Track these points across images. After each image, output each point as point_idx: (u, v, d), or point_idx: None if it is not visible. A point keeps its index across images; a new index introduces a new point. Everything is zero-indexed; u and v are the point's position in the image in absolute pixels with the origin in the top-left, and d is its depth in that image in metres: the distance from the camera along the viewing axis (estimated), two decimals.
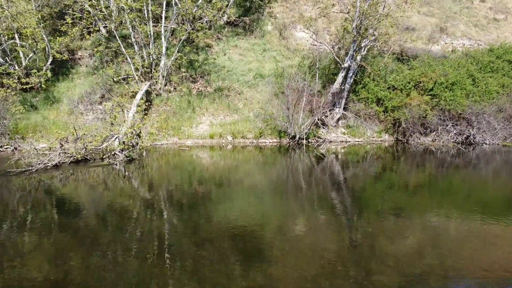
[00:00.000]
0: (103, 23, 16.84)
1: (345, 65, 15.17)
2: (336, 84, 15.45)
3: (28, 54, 15.02)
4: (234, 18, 19.13)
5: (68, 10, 16.09)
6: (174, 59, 15.91)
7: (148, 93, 15.44)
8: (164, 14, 15.79)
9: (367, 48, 15.40)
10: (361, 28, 14.47)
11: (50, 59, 15.22)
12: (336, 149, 13.95)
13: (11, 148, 11.81)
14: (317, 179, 8.97)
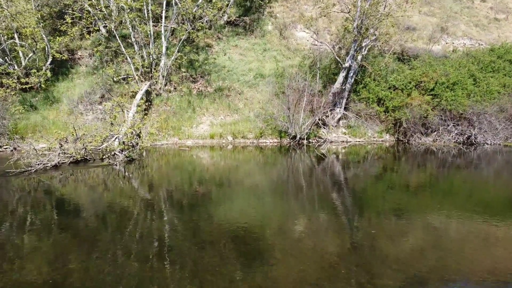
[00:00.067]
0: (103, 22, 16.79)
1: (346, 65, 15.12)
2: (337, 84, 15.40)
3: (28, 54, 14.97)
4: (234, 18, 19.09)
5: (67, 9, 16.04)
6: (174, 59, 15.86)
7: (148, 93, 15.39)
8: (164, 14, 15.74)
9: (367, 48, 15.36)
10: (362, 28, 14.42)
11: (50, 59, 15.18)
12: (337, 149, 13.90)
13: (10, 148, 11.77)
14: (317, 180, 8.92)
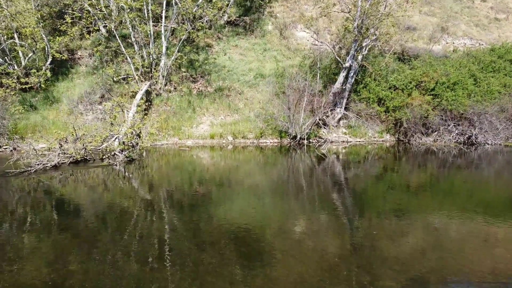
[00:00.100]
0: (103, 22, 16.76)
1: (346, 64, 15.09)
2: (337, 84, 15.38)
3: (28, 53, 14.94)
4: (234, 18, 19.06)
5: (67, 9, 16.01)
6: (174, 59, 15.83)
7: (148, 93, 15.36)
8: (164, 14, 15.71)
9: (368, 47, 15.33)
10: (362, 28, 14.39)
11: (50, 59, 15.15)
12: (337, 149, 13.87)
13: (10, 149, 11.73)
14: (318, 180, 8.89)
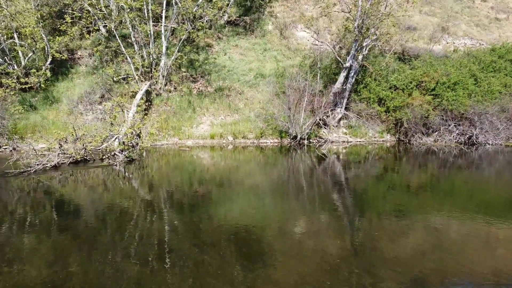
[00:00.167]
0: (103, 22, 16.74)
1: (346, 64, 15.07)
2: (338, 84, 15.35)
3: (27, 53, 14.92)
4: (234, 18, 19.04)
5: (67, 9, 15.99)
6: (174, 59, 15.81)
7: (148, 93, 15.34)
8: (164, 14, 15.69)
9: (368, 47, 15.30)
10: (362, 28, 14.37)
11: (50, 59, 15.13)
12: (338, 149, 13.85)
13: (10, 149, 11.73)
14: (318, 180, 8.87)
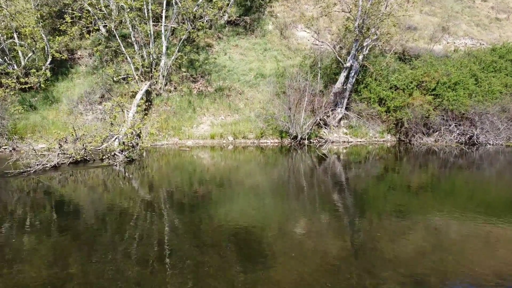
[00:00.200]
0: (103, 22, 16.71)
1: (347, 64, 15.04)
2: (338, 84, 15.32)
3: (27, 53, 14.89)
4: (234, 18, 19.01)
5: (67, 9, 15.95)
6: (174, 59, 15.78)
7: (148, 93, 15.31)
8: (164, 13, 15.66)
9: (369, 47, 15.27)
10: (363, 27, 14.34)
11: (49, 59, 15.10)
12: (338, 149, 13.82)
13: (9, 149, 11.70)
14: (319, 180, 8.84)
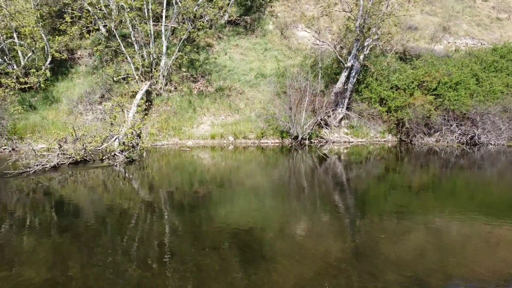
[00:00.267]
0: (103, 22, 16.65)
1: (348, 64, 14.99)
2: (339, 84, 15.27)
3: (27, 53, 14.83)
4: (235, 17, 18.96)
5: (67, 8, 15.89)
6: (174, 59, 15.73)
7: (148, 93, 15.26)
8: (165, 13, 15.60)
9: (369, 47, 15.22)
10: (364, 27, 14.29)
11: (49, 59, 15.05)
12: (339, 149, 13.77)
13: (9, 149, 11.65)
14: (320, 181, 8.79)
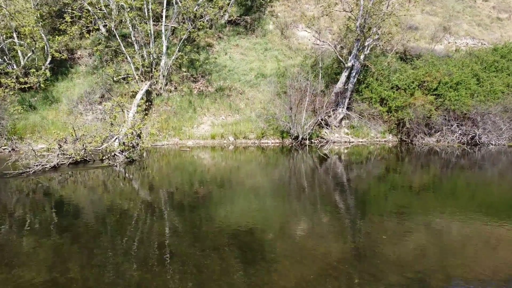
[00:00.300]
0: (103, 22, 16.62)
1: (348, 64, 14.96)
2: (339, 84, 15.25)
3: (27, 53, 14.81)
4: (235, 17, 18.94)
5: (67, 8, 15.86)
6: (174, 59, 15.71)
7: (148, 93, 15.24)
8: (165, 13, 15.57)
9: (370, 47, 15.20)
10: (364, 27, 14.27)
11: (49, 59, 15.03)
12: (340, 149, 13.75)
13: (9, 149, 11.62)
14: (320, 181, 8.77)
